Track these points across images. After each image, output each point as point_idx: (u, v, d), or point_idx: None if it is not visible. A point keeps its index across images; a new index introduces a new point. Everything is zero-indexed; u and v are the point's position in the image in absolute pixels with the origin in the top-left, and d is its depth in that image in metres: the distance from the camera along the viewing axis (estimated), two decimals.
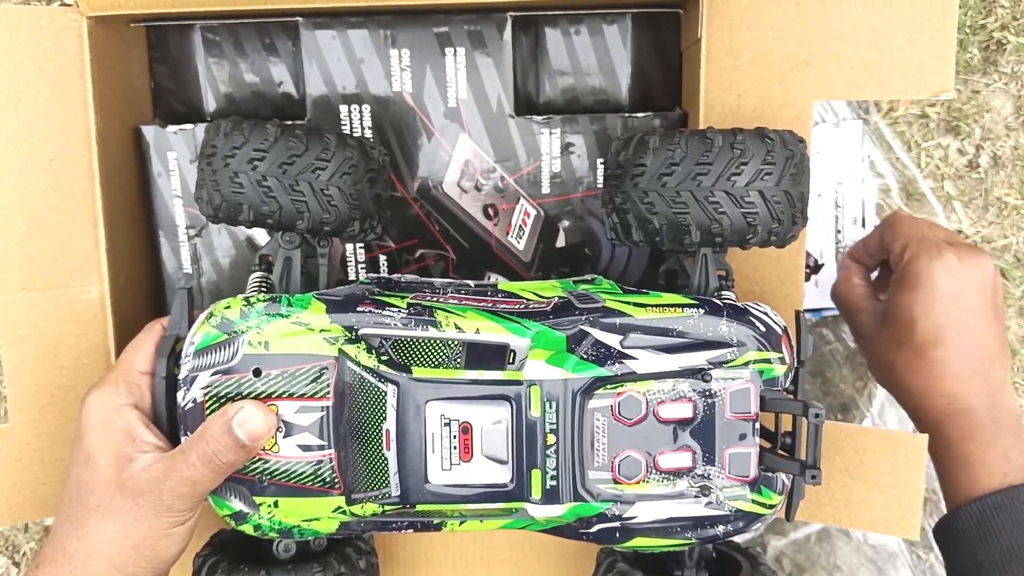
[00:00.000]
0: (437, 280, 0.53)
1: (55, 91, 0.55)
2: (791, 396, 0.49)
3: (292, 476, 0.46)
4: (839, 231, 0.72)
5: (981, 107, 0.73)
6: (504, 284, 0.51)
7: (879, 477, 0.54)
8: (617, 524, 0.46)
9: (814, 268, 0.73)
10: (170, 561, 0.48)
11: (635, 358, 0.45)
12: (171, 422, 0.47)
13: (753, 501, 0.46)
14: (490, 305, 0.48)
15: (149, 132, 0.61)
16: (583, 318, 0.46)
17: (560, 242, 0.63)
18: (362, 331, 0.46)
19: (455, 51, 0.60)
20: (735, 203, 0.46)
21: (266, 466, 0.46)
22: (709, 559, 0.51)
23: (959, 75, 0.72)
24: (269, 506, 0.46)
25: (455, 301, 0.48)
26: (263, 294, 0.48)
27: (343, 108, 0.61)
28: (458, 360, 0.46)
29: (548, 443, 0.45)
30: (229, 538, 0.53)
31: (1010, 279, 0.74)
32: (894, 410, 0.74)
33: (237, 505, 0.47)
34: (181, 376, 0.46)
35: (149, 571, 0.46)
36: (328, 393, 0.45)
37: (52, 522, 0.50)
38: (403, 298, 0.48)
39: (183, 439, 0.46)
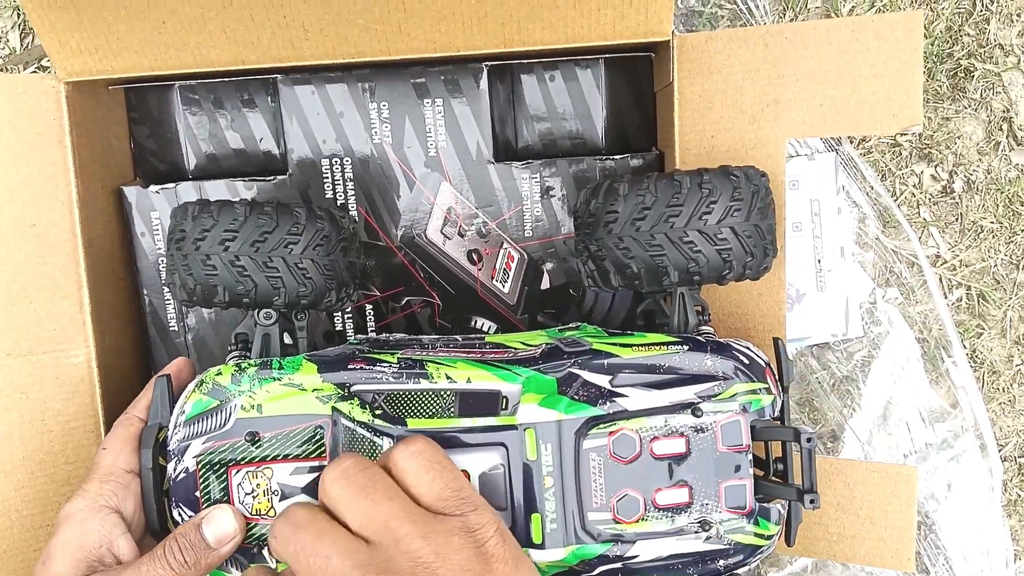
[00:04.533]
0: (425, 337, 0.53)
1: (35, 157, 0.55)
2: (779, 424, 0.49)
3: None
4: (819, 261, 0.73)
5: (952, 133, 0.74)
6: (491, 337, 0.52)
7: (871, 510, 0.55)
8: (619, 565, 0.46)
9: (795, 299, 0.74)
10: None
11: (626, 396, 0.46)
12: (160, 515, 0.46)
13: (753, 534, 0.46)
14: (479, 356, 0.48)
15: (131, 193, 0.61)
16: (571, 361, 0.47)
17: (545, 284, 0.64)
18: (355, 387, 0.46)
19: (433, 101, 0.61)
20: (709, 241, 0.47)
21: (263, 531, 0.46)
22: None
23: (929, 103, 0.74)
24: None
25: (444, 354, 0.48)
26: (255, 359, 0.48)
27: (324, 162, 0.61)
28: (451, 410, 0.46)
29: (546, 486, 0.45)
30: None
31: (990, 301, 0.75)
32: (883, 436, 0.75)
33: (237, 575, 0.46)
34: (171, 447, 0.46)
35: None
36: (323, 452, 0.45)
37: None
38: (393, 354, 0.48)
39: (175, 513, 0.46)
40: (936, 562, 0.75)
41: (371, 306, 0.64)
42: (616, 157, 0.62)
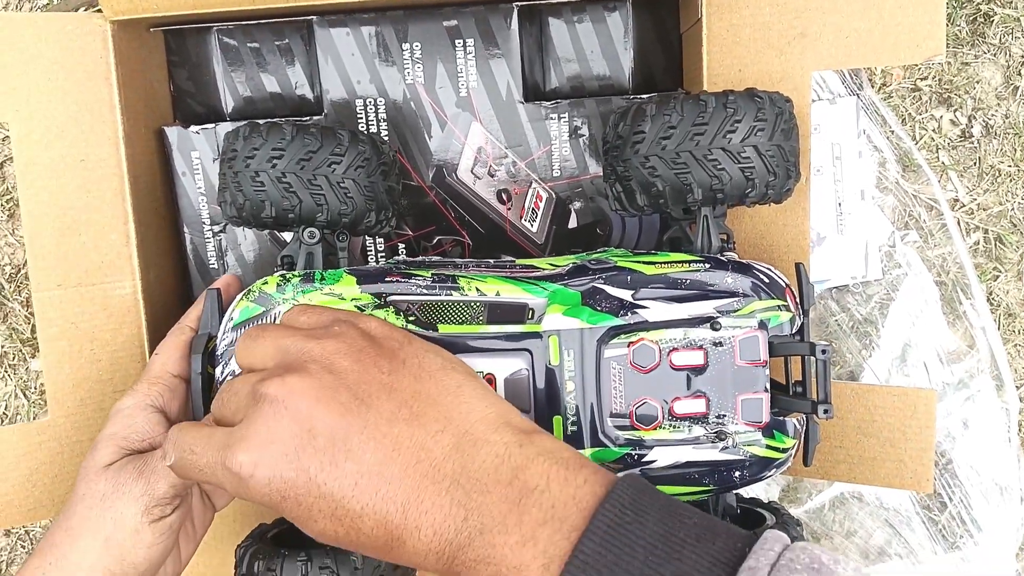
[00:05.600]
0: (458, 260, 0.55)
1: (82, 94, 0.57)
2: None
3: None
4: (839, 204, 0.75)
5: (971, 78, 0.75)
6: (521, 260, 0.54)
7: (891, 433, 0.56)
8: (637, 471, 0.48)
9: (816, 242, 0.75)
10: (139, 567, 0.45)
11: (647, 307, 0.48)
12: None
13: (767, 446, 0.48)
14: (508, 274, 0.51)
15: (172, 133, 0.63)
16: (596, 276, 0.49)
17: (572, 223, 0.65)
18: (390, 297, 0.48)
19: (464, 42, 0.63)
20: (732, 159, 0.48)
21: None
22: (734, 515, 0.53)
23: (949, 48, 0.75)
24: None
25: (476, 271, 0.51)
26: (299, 271, 0.50)
27: (358, 103, 0.63)
28: (480, 318, 0.49)
29: (568, 390, 0.47)
30: (268, 529, 0.55)
31: (1007, 244, 0.76)
32: (901, 377, 0.77)
33: None
34: (219, 352, 0.48)
35: (119, 574, 0.44)
36: None
37: None
38: (428, 270, 0.50)
39: None
40: (953, 498, 0.77)
41: (403, 245, 0.66)
42: (643, 96, 0.63)
